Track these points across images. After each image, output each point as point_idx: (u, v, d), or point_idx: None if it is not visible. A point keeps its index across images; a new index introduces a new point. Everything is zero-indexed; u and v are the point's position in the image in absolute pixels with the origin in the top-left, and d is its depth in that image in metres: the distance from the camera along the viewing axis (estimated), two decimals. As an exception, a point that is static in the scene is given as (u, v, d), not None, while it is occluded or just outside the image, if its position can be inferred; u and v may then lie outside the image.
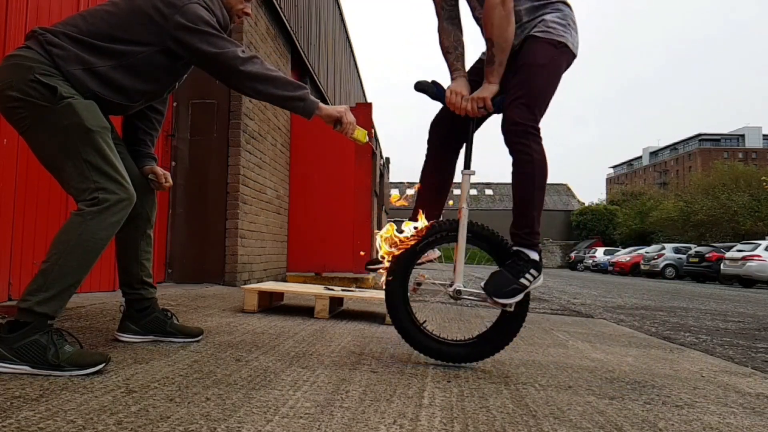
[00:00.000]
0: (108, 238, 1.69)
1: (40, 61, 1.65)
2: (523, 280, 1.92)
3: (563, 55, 2.01)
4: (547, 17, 2.00)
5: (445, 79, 2.15)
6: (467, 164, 2.10)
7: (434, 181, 2.23)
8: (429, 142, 2.24)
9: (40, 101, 1.63)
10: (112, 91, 1.78)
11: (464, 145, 2.12)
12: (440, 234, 2.04)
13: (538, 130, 1.95)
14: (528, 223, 1.97)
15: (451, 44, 2.13)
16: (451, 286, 2.04)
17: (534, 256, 1.96)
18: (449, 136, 2.17)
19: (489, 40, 1.96)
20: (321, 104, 1.93)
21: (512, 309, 1.96)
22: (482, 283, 1.95)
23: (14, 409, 1.23)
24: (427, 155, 2.23)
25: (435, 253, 2.17)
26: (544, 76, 1.97)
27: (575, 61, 2.07)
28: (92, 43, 1.72)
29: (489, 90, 1.99)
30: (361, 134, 2.03)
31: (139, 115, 2.07)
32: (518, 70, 1.98)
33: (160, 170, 2.09)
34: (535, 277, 1.95)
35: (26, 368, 1.52)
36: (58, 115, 1.64)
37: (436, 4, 2.16)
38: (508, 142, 1.96)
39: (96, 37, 1.73)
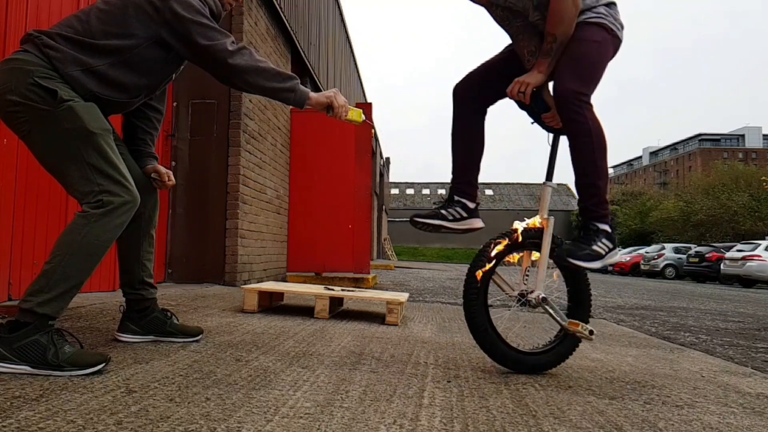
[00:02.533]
0: (111, 240, 1.69)
1: (39, 64, 1.65)
2: (596, 248, 1.91)
3: (613, 41, 2.01)
4: (600, 9, 2.00)
5: (447, 81, 2.15)
6: (549, 176, 2.10)
7: (466, 145, 2.19)
8: (457, 105, 2.19)
9: (40, 105, 1.62)
10: (112, 89, 1.78)
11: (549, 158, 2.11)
12: (526, 241, 2.06)
13: (589, 100, 1.94)
14: (595, 193, 1.94)
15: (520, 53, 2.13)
16: (532, 293, 2.07)
17: (604, 226, 1.94)
18: (477, 98, 2.15)
19: (551, 35, 1.94)
20: (311, 93, 1.92)
21: (596, 267, 1.93)
22: (560, 319, 1.98)
23: (14, 409, 1.23)
24: (455, 120, 2.19)
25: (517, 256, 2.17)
26: (596, 52, 1.97)
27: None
28: (88, 43, 1.72)
29: (536, 78, 1.98)
30: (355, 114, 2.02)
31: (138, 115, 2.06)
32: (570, 44, 1.96)
33: (162, 169, 2.10)
34: (609, 248, 1.94)
35: (26, 368, 1.52)
36: (59, 119, 1.64)
37: (499, 24, 2.14)
38: (564, 111, 1.94)
39: (91, 35, 1.73)
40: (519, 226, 2.10)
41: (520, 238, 2.06)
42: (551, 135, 2.10)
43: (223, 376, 1.65)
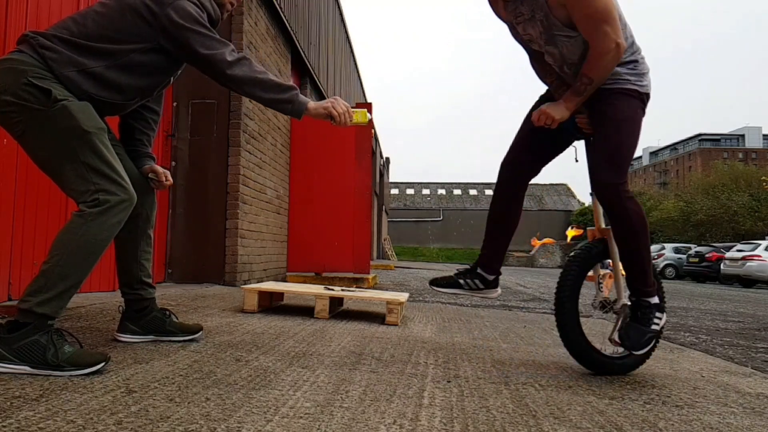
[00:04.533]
0: (109, 239, 1.69)
1: (34, 64, 1.64)
2: (653, 327, 1.99)
3: (642, 103, 2.03)
4: (625, 74, 1.99)
5: (447, 81, 2.16)
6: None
7: (500, 227, 2.26)
8: (500, 185, 2.26)
9: (34, 105, 1.62)
10: (108, 91, 1.78)
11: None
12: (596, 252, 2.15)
13: (627, 187, 1.98)
14: (643, 276, 2.01)
15: (541, 76, 2.17)
16: (616, 301, 2.18)
17: (654, 300, 2.03)
18: (523, 175, 2.21)
19: (587, 77, 1.93)
20: (310, 104, 1.90)
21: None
22: (615, 337, 2.03)
23: (14, 409, 1.23)
24: (495, 200, 2.26)
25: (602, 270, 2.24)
26: (629, 132, 1.98)
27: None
28: (84, 45, 1.72)
29: (563, 113, 1.99)
30: (359, 117, 1.99)
31: (134, 116, 2.06)
32: (602, 124, 1.98)
33: (159, 169, 2.09)
34: (660, 318, 2.03)
35: (26, 368, 1.52)
36: (53, 118, 1.63)
37: (521, 44, 2.15)
38: (604, 203, 2.00)
39: (88, 38, 1.73)
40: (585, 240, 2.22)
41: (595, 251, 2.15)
42: (575, 147, 2.15)
43: (223, 376, 1.65)
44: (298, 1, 6.84)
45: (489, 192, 54.39)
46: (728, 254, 16.91)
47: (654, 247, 24.37)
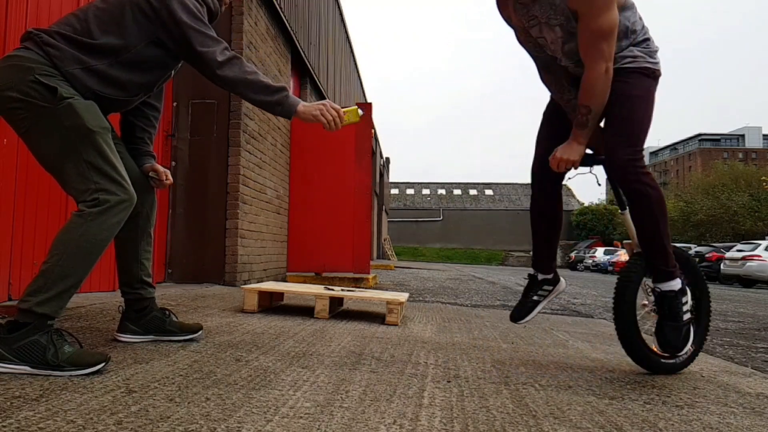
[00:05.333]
0: (108, 239, 1.69)
1: (40, 61, 1.65)
2: (685, 317, 1.95)
3: (655, 81, 2.03)
4: (635, 51, 2.00)
5: (447, 81, 2.16)
6: (622, 205, 2.13)
7: (542, 228, 2.28)
8: (534, 188, 2.27)
9: (40, 102, 1.63)
10: (112, 87, 1.79)
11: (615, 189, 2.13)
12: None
13: (644, 164, 1.97)
14: (664, 256, 1.99)
15: (557, 93, 2.14)
16: None
17: (677, 284, 1.99)
18: (554, 174, 2.19)
19: (585, 107, 1.95)
20: (300, 107, 1.88)
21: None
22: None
23: (14, 409, 1.23)
24: (532, 204, 2.28)
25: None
26: (643, 108, 1.98)
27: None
28: (87, 42, 1.72)
29: (577, 152, 1.99)
30: (351, 116, 1.97)
31: (136, 113, 2.07)
32: (615, 102, 1.97)
33: (160, 168, 2.10)
34: (687, 301, 2.00)
35: (26, 368, 1.52)
36: (58, 116, 1.64)
37: (529, 52, 2.15)
38: (620, 181, 1.98)
39: (90, 35, 1.74)
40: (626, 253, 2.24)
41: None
42: (591, 169, 2.15)
43: (223, 376, 1.65)
44: (298, 1, 6.84)
45: (489, 192, 54.44)
46: (728, 254, 16.91)
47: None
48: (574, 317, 4.66)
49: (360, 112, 2.00)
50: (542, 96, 2.28)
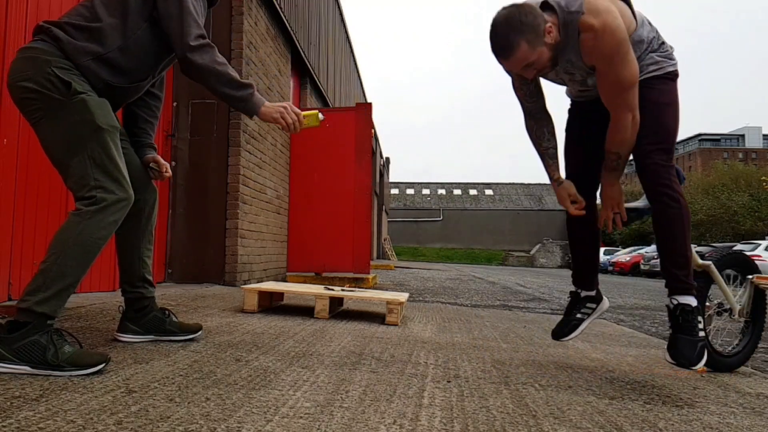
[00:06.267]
0: (106, 237, 1.69)
1: (56, 54, 1.70)
2: (701, 334, 1.91)
3: (677, 81, 2.03)
4: (654, 56, 2.00)
5: (447, 81, 2.16)
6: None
7: (581, 249, 2.28)
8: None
9: (54, 94, 1.66)
10: (123, 75, 1.82)
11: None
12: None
13: (674, 170, 1.98)
14: (685, 264, 1.96)
15: (536, 141, 2.14)
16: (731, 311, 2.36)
17: (693, 301, 1.94)
18: (589, 188, 2.20)
19: (615, 154, 1.96)
20: (264, 107, 1.87)
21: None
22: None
23: (14, 409, 1.23)
24: (568, 228, 2.28)
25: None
26: (674, 114, 1.99)
27: None
28: (96, 27, 1.75)
29: (617, 193, 2.04)
30: (310, 120, 1.96)
31: (138, 103, 2.08)
32: (647, 109, 1.96)
33: (161, 159, 2.13)
34: (702, 320, 1.98)
35: (26, 368, 1.52)
36: (70, 110, 1.68)
37: (520, 102, 2.14)
38: (653, 186, 1.96)
39: (98, 20, 1.76)
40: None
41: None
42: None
43: (223, 376, 1.65)
44: (298, 1, 6.84)
45: (489, 192, 54.46)
46: (728, 254, 16.88)
47: (654, 247, 24.36)
48: (574, 317, 4.66)
49: (320, 116, 1.99)
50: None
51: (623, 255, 26.91)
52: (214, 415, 1.29)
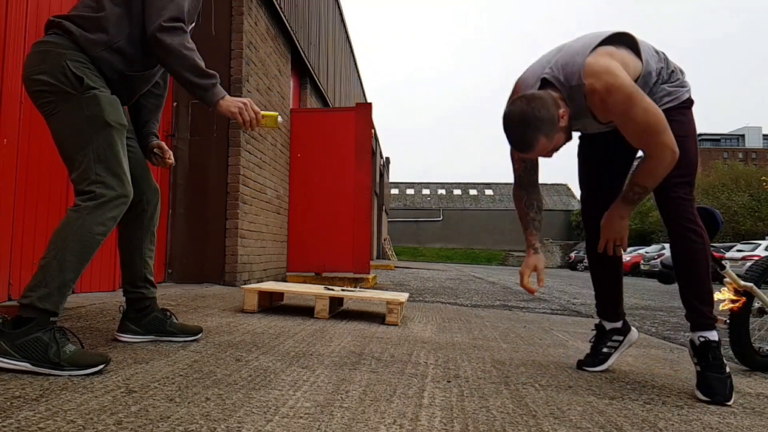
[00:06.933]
0: (104, 233, 1.70)
1: (70, 47, 1.72)
2: (727, 369, 1.88)
3: (692, 111, 2.00)
4: (667, 86, 1.96)
5: (448, 81, 2.14)
6: (721, 266, 2.23)
7: (601, 275, 2.24)
8: (587, 233, 2.24)
9: (67, 88, 1.69)
10: (135, 63, 1.83)
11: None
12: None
13: (694, 203, 1.94)
14: (711, 300, 1.93)
15: (522, 210, 2.10)
16: None
17: (716, 336, 1.92)
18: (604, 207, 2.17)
19: (642, 187, 1.87)
20: (223, 100, 1.83)
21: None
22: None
23: (14, 409, 1.23)
24: (587, 250, 2.24)
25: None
26: (692, 145, 1.95)
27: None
28: (103, 17, 1.77)
29: (621, 227, 1.95)
30: (268, 122, 1.94)
31: (144, 93, 2.09)
32: None
33: (165, 146, 2.15)
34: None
35: (27, 365, 1.53)
36: (81, 105, 1.70)
37: (515, 172, 2.11)
38: (677, 220, 1.91)
39: (103, 10, 1.78)
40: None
41: None
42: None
43: (223, 376, 1.65)
44: (298, 1, 6.84)
45: (489, 192, 54.46)
46: (728, 254, 16.90)
47: (654, 248, 24.36)
48: (574, 317, 4.66)
49: (280, 119, 1.98)
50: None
51: (624, 255, 26.85)
52: (214, 415, 1.29)
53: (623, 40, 1.89)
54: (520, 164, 2.07)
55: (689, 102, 1.97)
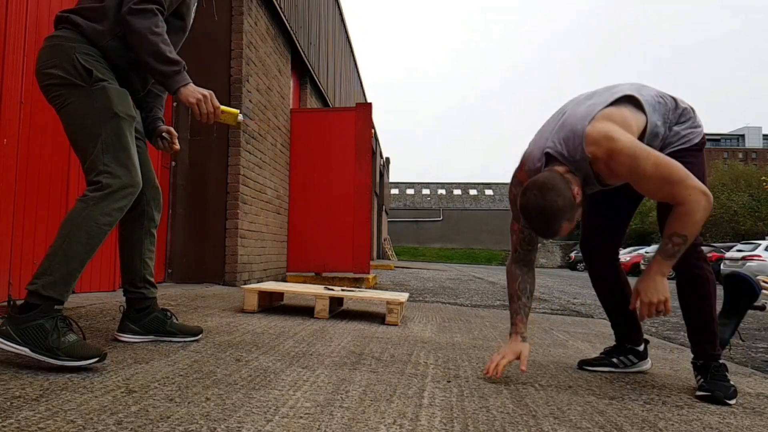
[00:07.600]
0: (111, 224, 1.72)
1: (79, 40, 1.74)
2: (731, 380, 1.90)
3: (703, 151, 1.97)
4: (679, 129, 1.93)
5: (448, 81, 2.13)
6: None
7: (608, 296, 2.23)
8: (586, 261, 2.24)
9: (77, 80, 1.72)
10: None
11: None
12: None
13: (701, 246, 1.93)
14: (715, 340, 1.93)
15: (515, 292, 2.03)
16: None
17: (722, 362, 1.93)
18: (605, 251, 2.17)
19: (682, 237, 1.74)
20: (185, 88, 1.81)
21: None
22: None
23: (14, 409, 1.23)
24: (590, 276, 2.24)
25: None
26: None
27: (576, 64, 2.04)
28: (106, 7, 1.78)
29: (663, 287, 1.79)
30: (227, 118, 1.93)
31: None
32: None
33: (173, 131, 2.18)
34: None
35: (26, 350, 1.55)
36: (91, 97, 1.72)
37: (513, 244, 2.07)
38: (687, 261, 1.88)
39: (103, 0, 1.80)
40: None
41: None
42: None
43: (223, 376, 1.65)
44: (298, 1, 6.84)
45: (489, 192, 54.43)
46: (728, 254, 16.90)
47: (654, 247, 24.37)
48: (574, 317, 4.67)
49: (240, 117, 1.96)
50: (543, 96, 2.28)
51: (623, 255, 26.92)
52: (214, 415, 1.29)
53: (624, 100, 1.86)
54: (519, 235, 2.03)
55: (701, 144, 1.94)
